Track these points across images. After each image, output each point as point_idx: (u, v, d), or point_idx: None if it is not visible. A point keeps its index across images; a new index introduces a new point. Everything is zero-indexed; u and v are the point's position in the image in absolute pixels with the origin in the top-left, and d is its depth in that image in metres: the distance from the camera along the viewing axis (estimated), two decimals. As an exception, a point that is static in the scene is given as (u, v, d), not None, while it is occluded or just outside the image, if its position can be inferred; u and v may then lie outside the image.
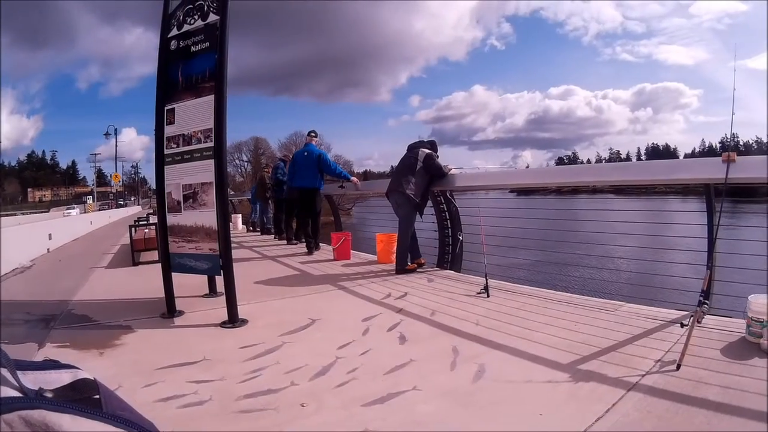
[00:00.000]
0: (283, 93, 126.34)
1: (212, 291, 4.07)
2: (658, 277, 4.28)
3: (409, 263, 5.03)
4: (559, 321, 3.02)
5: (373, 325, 3.12)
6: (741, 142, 60.26)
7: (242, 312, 3.32)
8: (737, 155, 2.81)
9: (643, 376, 2.13)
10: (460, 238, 5.27)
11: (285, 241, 8.53)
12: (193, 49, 3.45)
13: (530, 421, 1.81)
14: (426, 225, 5.44)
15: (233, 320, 3.23)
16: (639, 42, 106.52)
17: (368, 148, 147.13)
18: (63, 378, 0.43)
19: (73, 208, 36.95)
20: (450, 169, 5.08)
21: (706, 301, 2.54)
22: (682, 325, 2.52)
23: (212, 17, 3.35)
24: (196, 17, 3.43)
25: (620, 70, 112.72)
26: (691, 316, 2.47)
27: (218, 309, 3.44)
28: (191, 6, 3.47)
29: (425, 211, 5.18)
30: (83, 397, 0.42)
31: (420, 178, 4.95)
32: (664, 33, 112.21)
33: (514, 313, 3.25)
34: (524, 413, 1.87)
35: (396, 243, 5.18)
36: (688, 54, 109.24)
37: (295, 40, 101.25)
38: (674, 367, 2.18)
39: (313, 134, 7.28)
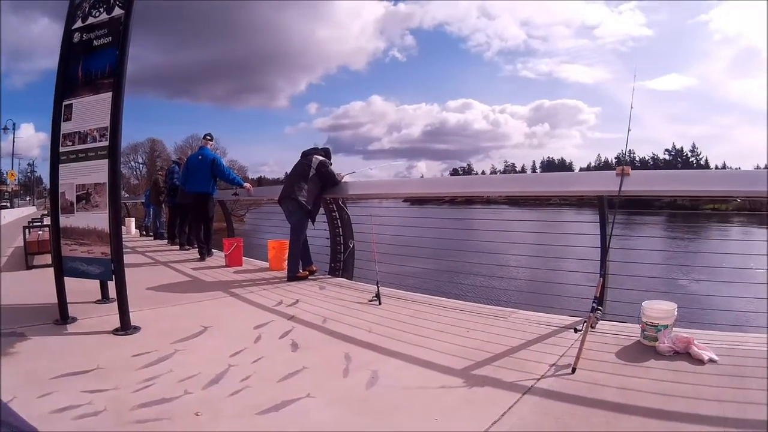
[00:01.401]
0: (181, 96, 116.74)
1: (105, 297, 3.90)
2: (552, 285, 4.38)
3: (301, 270, 4.85)
4: (452, 328, 3.00)
5: (266, 332, 3.05)
6: (637, 158, 65.80)
7: (135, 319, 3.19)
8: (631, 169, 2.90)
9: (538, 379, 2.12)
10: (351, 245, 5.16)
11: (178, 247, 8.19)
12: (95, 42, 3.35)
13: (426, 426, 1.78)
14: (318, 232, 5.30)
15: (126, 327, 3.11)
16: (541, 60, 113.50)
17: (264, 154, 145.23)
18: None
19: None
20: (343, 177, 5.00)
21: (600, 307, 2.59)
22: (576, 330, 2.55)
23: (117, 11, 3.24)
24: (101, 10, 3.33)
25: (520, 86, 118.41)
26: (585, 321, 2.49)
27: (111, 315, 3.26)
28: None
29: (318, 219, 5.05)
30: None
31: (313, 185, 4.83)
32: (567, 53, 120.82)
33: (407, 321, 3.20)
34: (419, 418, 1.84)
35: (288, 250, 4.97)
36: (589, 73, 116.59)
37: (195, 42, 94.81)
38: (569, 370, 2.17)
39: (208, 137, 7.08)
